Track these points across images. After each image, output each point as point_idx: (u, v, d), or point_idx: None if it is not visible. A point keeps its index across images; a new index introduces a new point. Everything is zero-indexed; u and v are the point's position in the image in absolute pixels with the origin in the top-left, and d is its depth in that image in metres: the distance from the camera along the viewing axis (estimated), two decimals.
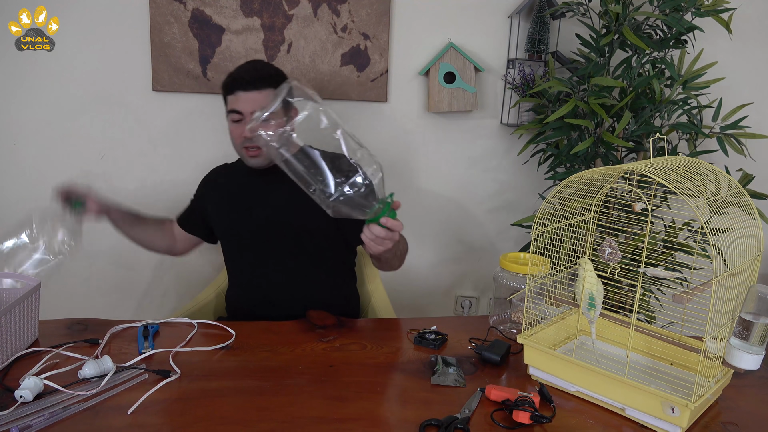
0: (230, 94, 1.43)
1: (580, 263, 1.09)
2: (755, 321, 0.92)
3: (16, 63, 1.95)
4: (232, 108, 1.43)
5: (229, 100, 1.44)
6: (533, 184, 2.20)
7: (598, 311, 1.08)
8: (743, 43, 2.06)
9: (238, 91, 1.41)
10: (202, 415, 0.96)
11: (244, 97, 1.41)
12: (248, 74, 1.43)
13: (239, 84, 1.41)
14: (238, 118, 1.43)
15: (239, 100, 1.41)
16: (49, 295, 1.39)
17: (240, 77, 1.42)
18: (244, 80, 1.41)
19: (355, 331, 1.31)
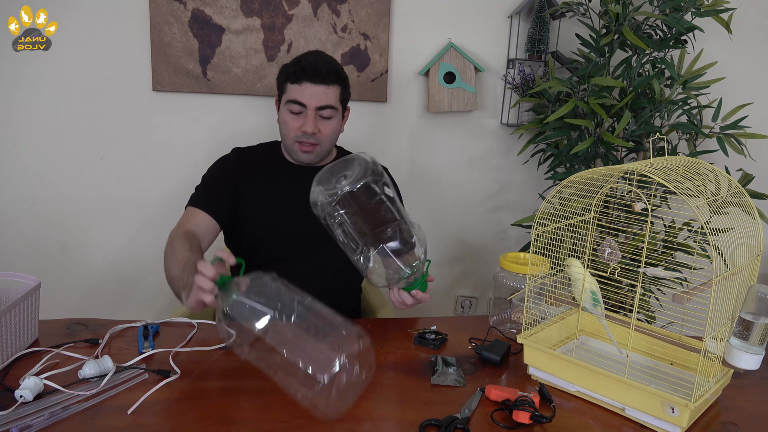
0: (295, 83, 1.36)
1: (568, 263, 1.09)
2: (755, 321, 0.92)
3: (16, 63, 1.95)
4: (294, 98, 1.37)
5: (290, 88, 1.38)
6: (533, 184, 2.20)
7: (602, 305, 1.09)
8: (743, 43, 2.06)
9: (306, 82, 1.35)
10: (202, 415, 0.96)
11: (312, 90, 1.36)
12: (320, 66, 1.36)
13: (308, 75, 1.35)
14: (299, 110, 1.37)
15: (305, 92, 1.36)
16: (49, 295, 1.39)
17: (310, 67, 1.36)
18: (314, 71, 1.35)
19: None
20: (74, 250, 2.13)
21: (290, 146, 1.43)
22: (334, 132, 1.44)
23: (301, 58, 1.40)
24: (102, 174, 2.07)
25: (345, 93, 1.44)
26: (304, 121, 1.38)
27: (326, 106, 1.38)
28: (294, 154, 1.44)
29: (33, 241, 2.10)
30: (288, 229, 1.45)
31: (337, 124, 1.44)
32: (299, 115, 1.39)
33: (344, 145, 2.07)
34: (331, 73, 1.38)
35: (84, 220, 2.11)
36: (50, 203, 2.08)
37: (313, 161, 1.45)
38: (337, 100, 1.41)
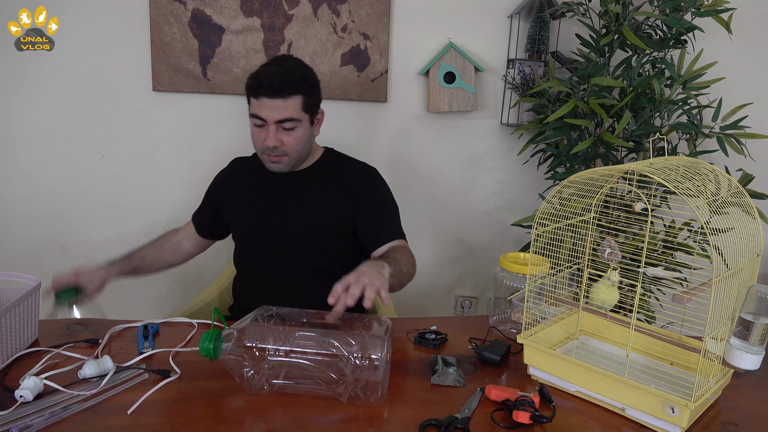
0: (254, 98, 1.35)
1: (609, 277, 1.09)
2: (755, 321, 0.92)
3: (16, 63, 1.95)
4: (254, 113, 1.36)
5: (252, 103, 1.37)
6: (533, 184, 2.20)
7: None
8: (743, 43, 2.06)
9: (263, 97, 1.33)
10: (202, 415, 0.96)
11: (270, 105, 1.33)
12: (276, 79, 1.32)
13: (264, 90, 1.32)
14: (261, 124, 1.36)
15: (263, 107, 1.34)
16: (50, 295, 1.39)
17: (266, 82, 1.32)
18: (269, 86, 1.32)
19: None
20: (74, 250, 2.13)
21: (261, 157, 1.45)
22: (300, 141, 1.40)
23: (260, 71, 1.36)
24: (102, 174, 2.07)
25: (310, 100, 1.39)
26: (266, 134, 1.36)
27: (286, 119, 1.35)
28: (265, 164, 1.45)
29: (33, 241, 2.10)
30: (269, 233, 1.48)
31: (303, 133, 1.40)
32: (262, 128, 1.37)
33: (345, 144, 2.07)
34: (288, 86, 1.33)
35: (84, 220, 2.11)
36: (50, 203, 2.08)
37: (283, 170, 1.44)
38: (298, 111, 1.36)
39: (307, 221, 1.46)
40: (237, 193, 1.53)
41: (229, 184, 1.56)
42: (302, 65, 1.40)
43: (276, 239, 1.47)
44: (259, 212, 1.48)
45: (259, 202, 1.49)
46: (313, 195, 1.48)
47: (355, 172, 1.53)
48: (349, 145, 2.13)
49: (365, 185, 1.50)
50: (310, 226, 1.46)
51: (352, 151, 2.16)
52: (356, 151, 2.14)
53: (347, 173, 1.51)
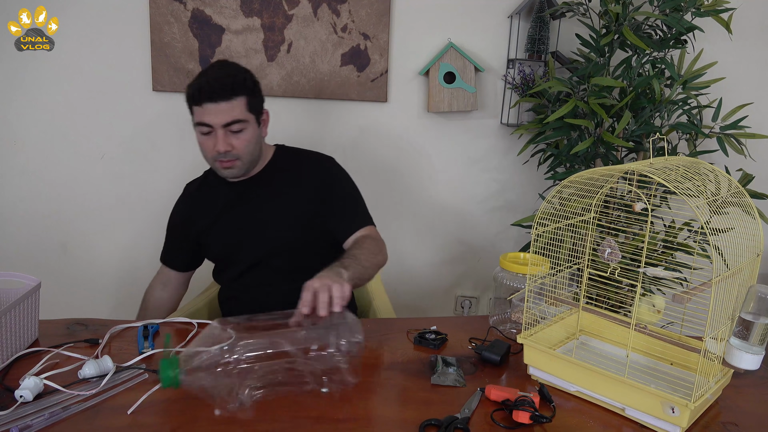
0: (197, 105, 1.32)
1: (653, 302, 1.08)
2: (755, 321, 0.92)
3: (16, 63, 1.95)
4: (199, 120, 1.33)
5: (195, 111, 1.33)
6: (533, 184, 2.20)
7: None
8: (743, 43, 2.06)
9: (206, 103, 1.30)
10: (202, 415, 0.96)
11: (214, 109, 1.31)
12: (216, 83, 1.31)
13: (206, 95, 1.30)
14: (208, 131, 1.34)
15: (208, 113, 1.31)
16: (49, 295, 1.39)
17: (207, 87, 1.31)
18: (211, 90, 1.30)
19: None
20: (74, 250, 2.13)
21: (212, 165, 1.42)
22: (250, 143, 1.38)
23: (199, 78, 1.34)
24: (102, 174, 2.08)
25: (254, 100, 1.38)
26: (215, 140, 1.34)
27: (233, 121, 1.33)
28: (218, 171, 1.43)
29: (33, 241, 2.10)
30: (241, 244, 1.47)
31: (252, 134, 1.38)
32: (210, 135, 1.35)
33: (345, 144, 2.08)
34: (230, 87, 1.32)
35: (84, 220, 2.11)
36: (50, 203, 2.08)
37: (237, 175, 1.42)
38: (244, 112, 1.35)
39: (276, 223, 1.45)
40: (203, 215, 1.50)
41: (192, 210, 1.53)
42: (240, 67, 1.39)
43: (250, 248, 1.46)
44: (228, 226, 1.47)
45: (225, 216, 1.47)
46: (275, 195, 1.46)
47: (312, 164, 1.50)
48: (349, 146, 2.14)
49: (326, 176, 1.48)
50: (280, 227, 1.45)
51: (353, 151, 2.16)
52: (356, 151, 2.15)
53: (304, 167, 1.49)
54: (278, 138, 1.60)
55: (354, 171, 1.56)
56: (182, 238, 1.55)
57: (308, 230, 1.46)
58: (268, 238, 1.45)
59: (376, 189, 2.17)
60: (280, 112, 2.07)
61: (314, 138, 2.10)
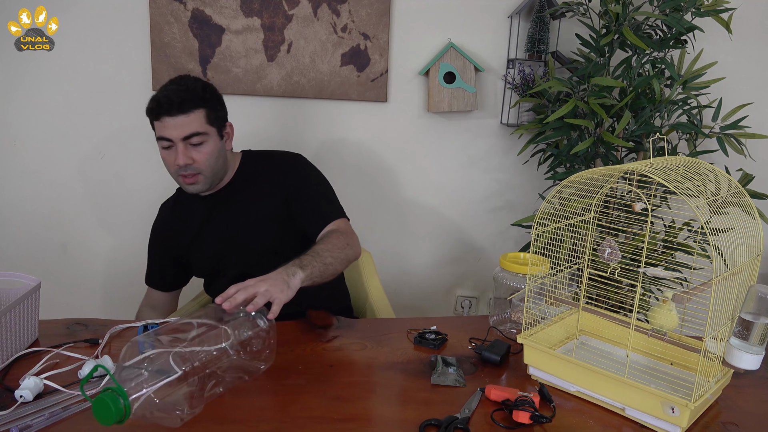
0: (156, 120, 1.33)
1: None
2: (755, 321, 0.92)
3: (16, 63, 1.95)
4: (159, 135, 1.34)
5: (155, 126, 1.34)
6: (533, 184, 2.20)
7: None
8: (743, 43, 2.06)
9: (164, 117, 1.31)
10: (202, 415, 0.96)
11: (172, 123, 1.31)
12: (173, 96, 1.32)
13: (164, 109, 1.31)
14: (168, 145, 1.34)
15: (167, 127, 1.32)
16: (49, 295, 1.39)
17: (164, 100, 1.31)
18: (168, 104, 1.31)
19: (355, 331, 1.31)
20: (74, 250, 2.13)
21: (177, 181, 1.42)
22: (211, 156, 1.37)
23: (158, 93, 1.35)
24: (102, 174, 2.07)
25: (215, 112, 1.38)
26: (176, 154, 1.34)
27: (192, 134, 1.33)
28: (183, 187, 1.42)
29: (33, 241, 2.10)
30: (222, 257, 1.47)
31: (213, 147, 1.38)
32: (171, 150, 1.35)
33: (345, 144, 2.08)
34: (188, 101, 1.32)
35: (84, 220, 2.11)
36: (50, 203, 2.08)
37: (201, 190, 1.42)
38: (203, 125, 1.35)
39: (253, 230, 1.44)
40: (181, 234, 1.50)
41: (170, 229, 1.53)
42: (200, 81, 1.39)
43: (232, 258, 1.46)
44: (207, 241, 1.47)
45: (203, 231, 1.47)
46: (247, 203, 1.45)
47: (277, 163, 1.49)
48: (349, 146, 2.14)
49: (291, 173, 1.47)
50: (258, 234, 1.44)
51: (353, 151, 2.16)
52: (356, 151, 2.15)
53: (270, 168, 1.48)
54: (278, 138, 1.60)
55: (354, 171, 1.56)
56: (164, 258, 1.55)
57: (285, 232, 1.45)
58: (248, 246, 1.45)
59: (375, 189, 2.17)
60: (280, 112, 2.07)
61: (314, 138, 2.10)
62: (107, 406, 0.80)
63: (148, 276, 1.59)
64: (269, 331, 1.08)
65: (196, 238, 1.48)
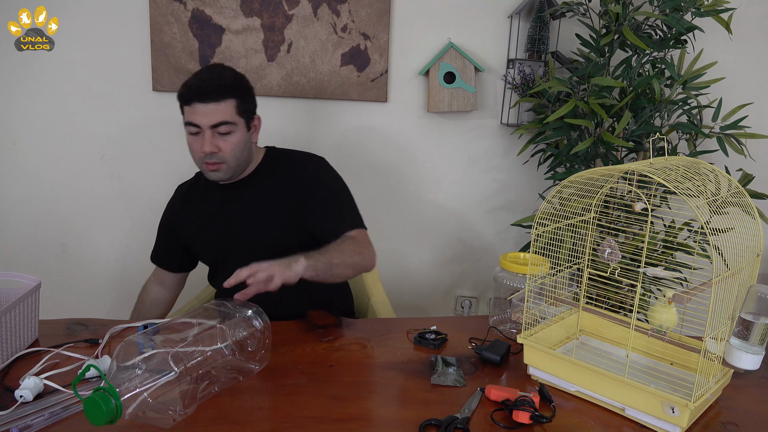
0: (187, 105, 1.33)
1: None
2: (755, 321, 0.92)
3: (16, 63, 1.95)
4: (188, 120, 1.33)
5: (185, 111, 1.34)
6: (533, 184, 2.20)
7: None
8: (743, 43, 2.06)
9: (196, 103, 1.31)
10: (202, 415, 0.96)
11: (203, 110, 1.31)
12: (206, 84, 1.32)
13: (196, 95, 1.31)
14: (196, 131, 1.34)
15: (196, 113, 1.32)
16: (49, 295, 1.39)
17: (196, 88, 1.32)
18: (201, 91, 1.31)
19: (355, 331, 1.31)
20: (74, 250, 2.13)
21: (199, 167, 1.41)
22: (237, 146, 1.37)
23: (191, 78, 1.35)
24: (102, 174, 2.08)
25: (244, 104, 1.38)
26: (203, 141, 1.34)
27: (220, 123, 1.33)
28: (205, 174, 1.42)
29: (33, 241, 2.10)
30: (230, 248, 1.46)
31: (240, 138, 1.38)
32: (198, 136, 1.35)
33: (345, 144, 2.08)
34: (221, 89, 1.32)
35: (84, 220, 2.11)
36: (50, 203, 2.08)
37: (222, 178, 1.42)
38: (232, 115, 1.35)
39: (264, 226, 1.44)
40: (195, 216, 1.50)
41: (182, 212, 1.53)
42: (234, 71, 1.39)
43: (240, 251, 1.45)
44: (216, 230, 1.47)
45: (214, 219, 1.47)
46: (263, 198, 1.45)
47: (298, 165, 1.49)
48: (349, 146, 2.14)
49: (311, 176, 1.47)
50: (269, 230, 1.44)
51: (353, 151, 2.16)
52: (356, 151, 2.15)
53: (291, 168, 1.48)
54: (278, 138, 1.60)
55: (354, 171, 1.56)
56: (171, 240, 1.55)
57: (297, 232, 1.45)
58: (255, 240, 1.45)
59: (375, 189, 2.17)
60: (280, 112, 2.07)
61: (314, 138, 2.10)
62: (98, 406, 0.81)
63: (154, 253, 1.59)
64: (264, 332, 1.08)
65: (204, 226, 1.48)
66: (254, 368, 1.08)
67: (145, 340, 0.95)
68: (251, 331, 1.07)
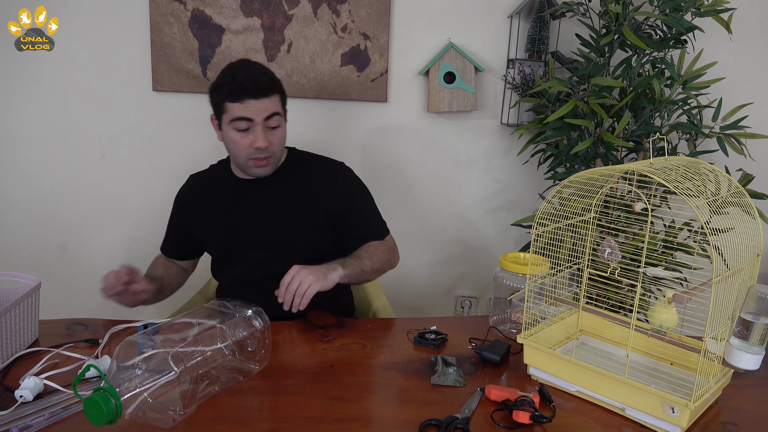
0: (237, 102, 1.33)
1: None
2: (755, 321, 0.92)
3: (16, 63, 1.95)
4: (240, 115, 1.33)
5: (232, 107, 1.34)
6: (533, 184, 2.20)
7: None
8: (743, 43, 2.06)
9: (249, 99, 1.32)
10: (203, 415, 0.96)
11: (257, 105, 1.33)
12: (256, 80, 1.33)
13: (249, 92, 1.32)
14: (247, 126, 1.34)
15: (251, 108, 1.33)
16: (49, 295, 1.39)
17: (249, 84, 1.33)
18: (256, 87, 1.33)
19: (355, 331, 1.31)
20: (74, 250, 2.13)
21: (243, 163, 1.41)
22: (282, 141, 1.42)
23: (235, 74, 1.35)
24: (102, 174, 2.07)
25: (284, 98, 1.43)
26: (255, 137, 1.34)
27: (273, 114, 1.35)
28: (249, 170, 1.42)
29: (33, 241, 2.10)
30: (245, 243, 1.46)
31: (284, 132, 1.42)
32: (248, 132, 1.35)
33: (345, 144, 2.08)
34: (270, 85, 1.35)
35: (84, 220, 2.11)
36: (50, 203, 2.08)
37: (269, 173, 1.43)
38: (280, 107, 1.39)
39: (282, 226, 1.44)
40: (206, 209, 1.49)
41: (195, 202, 1.52)
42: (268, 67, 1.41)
43: (252, 247, 1.46)
44: (233, 223, 1.46)
45: (231, 213, 1.47)
46: (283, 198, 1.46)
47: (325, 171, 1.50)
48: (349, 146, 2.14)
49: (342, 184, 1.49)
50: (285, 230, 1.44)
51: (353, 151, 2.16)
52: (356, 151, 2.15)
53: (317, 173, 1.49)
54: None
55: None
56: (182, 229, 1.55)
57: (312, 236, 1.46)
58: (271, 239, 1.45)
59: (375, 189, 2.16)
60: None
61: (314, 138, 2.10)
62: (98, 406, 0.81)
63: (164, 244, 1.61)
64: (264, 332, 1.08)
65: (216, 218, 1.48)
66: (254, 368, 1.08)
67: (145, 340, 0.95)
68: (251, 331, 1.07)
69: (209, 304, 1.10)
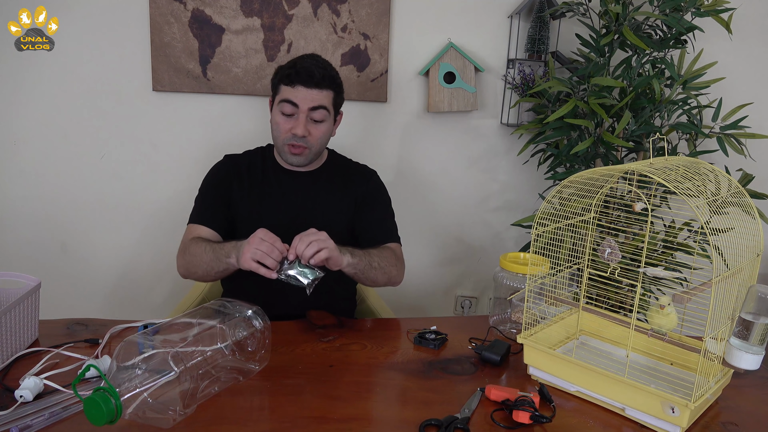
0: (288, 85, 1.38)
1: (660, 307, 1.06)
2: (755, 321, 0.92)
3: (16, 63, 1.95)
4: (287, 98, 1.38)
5: (284, 89, 1.39)
6: (533, 184, 2.20)
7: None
8: (743, 43, 2.06)
9: (299, 85, 1.37)
10: (202, 415, 0.96)
11: (305, 93, 1.37)
12: (314, 70, 1.38)
13: (302, 78, 1.37)
14: (291, 111, 1.39)
15: (299, 94, 1.37)
16: (49, 295, 1.39)
17: (304, 71, 1.37)
18: (309, 75, 1.37)
19: (355, 331, 1.31)
20: (74, 250, 2.13)
21: (281, 147, 1.45)
22: (324, 136, 1.45)
23: (297, 61, 1.41)
24: (102, 174, 2.07)
25: (338, 98, 1.46)
26: (295, 123, 1.39)
27: (318, 107, 1.39)
28: (284, 155, 1.46)
29: (33, 241, 2.10)
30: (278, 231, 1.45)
31: (328, 128, 1.45)
32: (291, 117, 1.40)
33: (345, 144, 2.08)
34: (325, 78, 1.39)
35: (84, 220, 2.11)
36: (50, 203, 2.08)
37: (302, 163, 1.46)
38: (329, 103, 1.42)
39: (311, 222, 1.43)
40: (243, 189, 1.50)
41: (236, 170, 1.51)
42: (332, 65, 1.45)
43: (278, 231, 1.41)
44: (266, 210, 1.48)
45: (266, 199, 1.49)
46: (319, 196, 1.49)
47: (357, 175, 1.56)
48: (349, 146, 2.14)
49: (373, 187, 1.55)
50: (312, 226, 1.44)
51: (353, 151, 2.16)
52: (356, 151, 2.14)
53: (350, 176, 1.54)
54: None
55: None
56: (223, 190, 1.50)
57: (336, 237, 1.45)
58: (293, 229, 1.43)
59: None
60: None
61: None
62: (98, 406, 0.81)
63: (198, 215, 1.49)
64: (264, 332, 1.08)
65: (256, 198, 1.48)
66: (254, 368, 1.08)
67: (145, 340, 0.95)
68: (251, 331, 1.07)
69: (209, 304, 1.11)
